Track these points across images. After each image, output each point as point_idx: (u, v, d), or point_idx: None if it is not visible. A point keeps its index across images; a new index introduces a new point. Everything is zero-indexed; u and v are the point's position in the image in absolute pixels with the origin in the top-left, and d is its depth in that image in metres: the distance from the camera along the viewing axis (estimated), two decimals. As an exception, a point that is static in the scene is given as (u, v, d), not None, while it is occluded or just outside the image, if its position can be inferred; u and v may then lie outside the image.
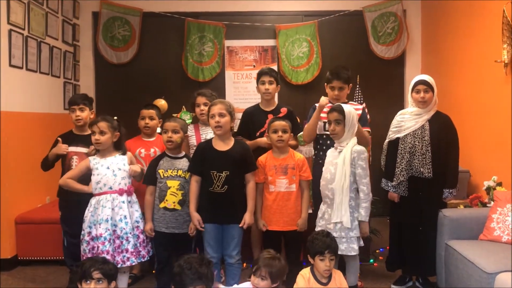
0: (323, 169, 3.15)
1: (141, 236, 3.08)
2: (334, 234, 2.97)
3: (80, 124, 3.44)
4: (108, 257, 2.84)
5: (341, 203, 2.98)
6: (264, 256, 2.53)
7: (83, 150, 3.31)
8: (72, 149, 3.38)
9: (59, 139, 3.39)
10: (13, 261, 4.05)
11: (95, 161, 3.06)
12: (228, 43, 5.74)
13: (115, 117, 3.16)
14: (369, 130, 3.54)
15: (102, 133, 3.03)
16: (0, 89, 3.93)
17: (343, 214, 2.97)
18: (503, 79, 3.83)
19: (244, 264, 3.70)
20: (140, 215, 3.11)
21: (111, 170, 3.03)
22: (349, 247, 2.99)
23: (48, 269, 4.01)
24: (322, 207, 3.15)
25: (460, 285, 2.99)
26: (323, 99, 3.41)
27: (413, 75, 3.61)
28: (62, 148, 3.33)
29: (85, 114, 3.44)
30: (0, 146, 3.92)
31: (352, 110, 3.09)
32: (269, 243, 3.25)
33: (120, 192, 3.03)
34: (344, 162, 2.99)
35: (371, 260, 4.04)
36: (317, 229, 3.07)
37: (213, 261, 2.68)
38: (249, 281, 2.60)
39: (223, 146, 3.06)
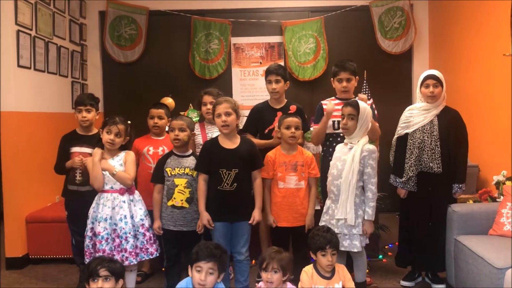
0: (330, 164, 3.15)
1: (147, 234, 3.09)
2: (336, 230, 2.98)
3: (86, 125, 3.45)
4: (105, 255, 2.86)
5: (347, 200, 2.98)
6: (270, 252, 2.57)
7: (88, 150, 3.31)
8: (77, 149, 3.39)
9: (80, 158, 3.30)
10: (24, 259, 4.09)
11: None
12: (234, 40, 5.74)
13: (129, 121, 3.18)
14: (377, 124, 3.53)
15: (118, 135, 3.06)
16: (9, 90, 3.96)
17: (348, 212, 2.97)
18: (511, 73, 3.79)
19: (253, 261, 3.71)
20: (144, 213, 3.12)
21: None
22: (352, 243, 3.01)
23: (59, 267, 4.04)
24: (327, 202, 3.16)
25: (469, 280, 2.98)
26: (330, 105, 3.37)
27: (421, 70, 3.60)
28: (76, 162, 3.31)
29: (91, 115, 3.44)
30: (9, 145, 3.96)
31: (368, 108, 3.09)
32: (278, 240, 3.25)
33: (121, 192, 3.05)
34: (353, 159, 2.99)
35: (380, 256, 4.03)
36: (321, 223, 3.07)
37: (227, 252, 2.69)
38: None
39: (230, 144, 3.06)
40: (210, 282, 2.35)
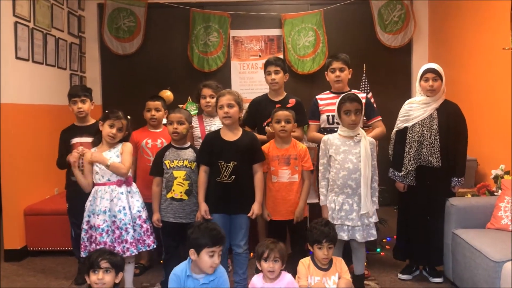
0: (339, 159, 3.06)
1: (144, 226, 3.10)
2: (358, 223, 3.01)
3: (82, 116, 3.45)
4: (106, 248, 2.88)
5: (367, 194, 3.01)
6: (268, 243, 2.60)
7: (88, 139, 3.29)
8: (77, 140, 3.39)
9: (80, 148, 3.20)
10: (22, 251, 4.09)
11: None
12: (233, 33, 5.72)
13: (128, 116, 3.17)
14: (380, 118, 3.54)
15: (120, 130, 3.06)
16: (7, 82, 3.95)
17: (369, 204, 3.02)
18: (511, 67, 3.78)
19: (251, 254, 3.71)
20: (141, 205, 3.12)
21: None
22: (369, 233, 3.06)
23: (57, 259, 4.05)
24: (338, 198, 3.07)
25: (467, 274, 2.99)
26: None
27: (420, 64, 3.59)
28: (74, 156, 3.20)
29: (87, 105, 3.46)
30: (7, 138, 3.95)
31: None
32: (274, 233, 3.26)
33: (119, 184, 3.04)
34: (366, 152, 3.02)
35: (378, 250, 4.04)
36: (337, 222, 3.02)
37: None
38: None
39: (231, 136, 3.06)
40: (219, 262, 2.45)
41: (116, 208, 3.00)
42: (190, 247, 2.43)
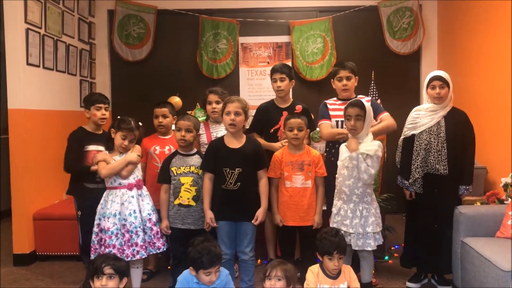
0: (339, 164, 3.13)
1: (155, 228, 3.12)
2: (351, 230, 2.99)
3: (102, 123, 3.47)
4: (115, 251, 2.92)
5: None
6: (274, 262, 2.58)
7: (103, 148, 3.30)
8: (93, 147, 3.39)
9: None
10: (31, 256, 4.12)
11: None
12: (242, 40, 5.74)
13: (140, 123, 3.20)
14: (387, 113, 3.48)
15: (132, 141, 3.12)
16: (18, 88, 4.00)
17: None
18: (521, 74, 3.77)
19: (259, 261, 3.71)
20: (152, 207, 3.14)
21: None
22: (366, 242, 3.02)
23: (65, 264, 4.07)
24: (337, 203, 3.13)
25: (476, 283, 2.96)
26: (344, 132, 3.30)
27: (429, 71, 3.57)
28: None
29: (108, 114, 3.50)
30: (17, 143, 3.99)
31: (368, 105, 3.09)
32: (285, 239, 3.26)
33: (130, 187, 3.07)
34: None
35: (386, 257, 4.01)
36: (332, 225, 3.07)
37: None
38: None
39: (235, 143, 3.07)
40: (217, 276, 2.56)
41: (127, 212, 3.02)
42: (189, 265, 2.55)
